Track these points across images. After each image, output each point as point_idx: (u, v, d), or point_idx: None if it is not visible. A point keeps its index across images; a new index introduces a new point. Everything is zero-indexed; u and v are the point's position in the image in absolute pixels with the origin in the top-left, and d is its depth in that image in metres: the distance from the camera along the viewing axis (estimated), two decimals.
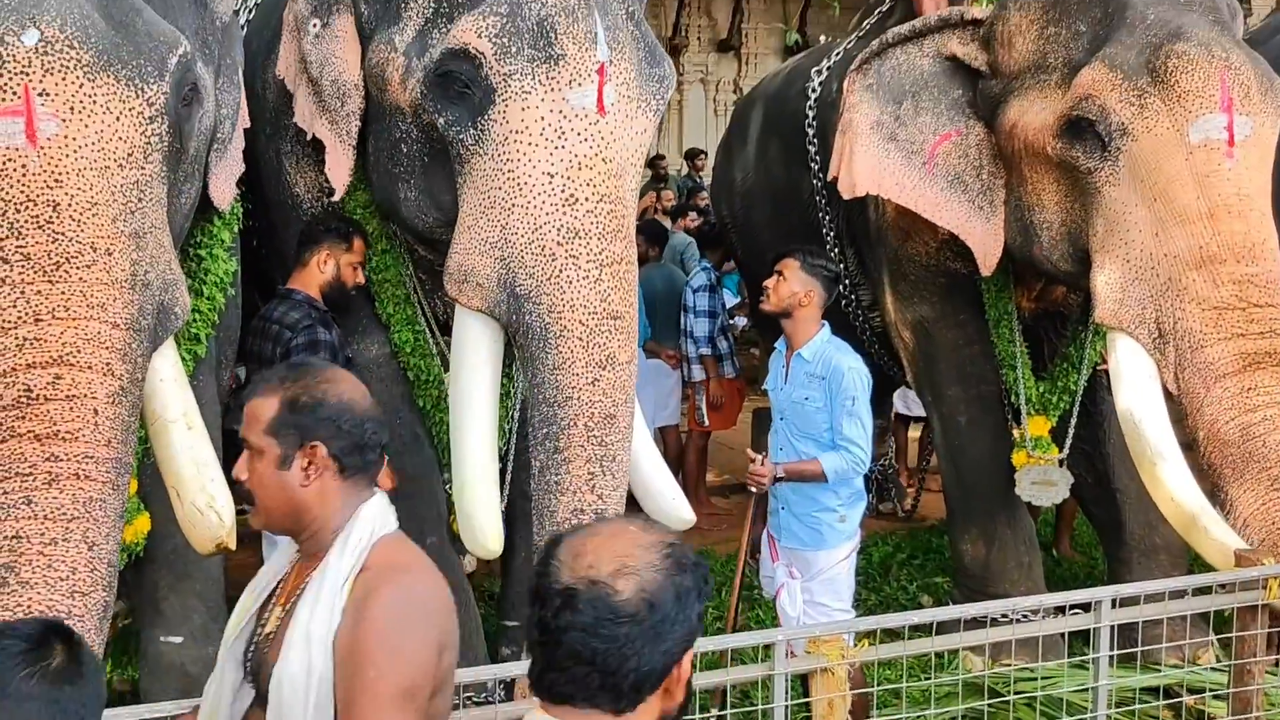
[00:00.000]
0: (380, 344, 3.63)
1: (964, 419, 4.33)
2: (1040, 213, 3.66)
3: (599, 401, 2.80)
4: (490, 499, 2.92)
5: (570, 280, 2.81)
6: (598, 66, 2.85)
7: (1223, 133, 3.22)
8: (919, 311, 4.35)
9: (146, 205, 2.45)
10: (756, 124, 5.63)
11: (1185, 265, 3.21)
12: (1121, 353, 3.34)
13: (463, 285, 2.94)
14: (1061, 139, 3.48)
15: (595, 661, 1.25)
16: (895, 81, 3.88)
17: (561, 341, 2.80)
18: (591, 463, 2.79)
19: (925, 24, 3.93)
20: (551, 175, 2.83)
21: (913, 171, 3.83)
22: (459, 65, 2.88)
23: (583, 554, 1.29)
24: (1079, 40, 3.53)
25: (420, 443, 3.67)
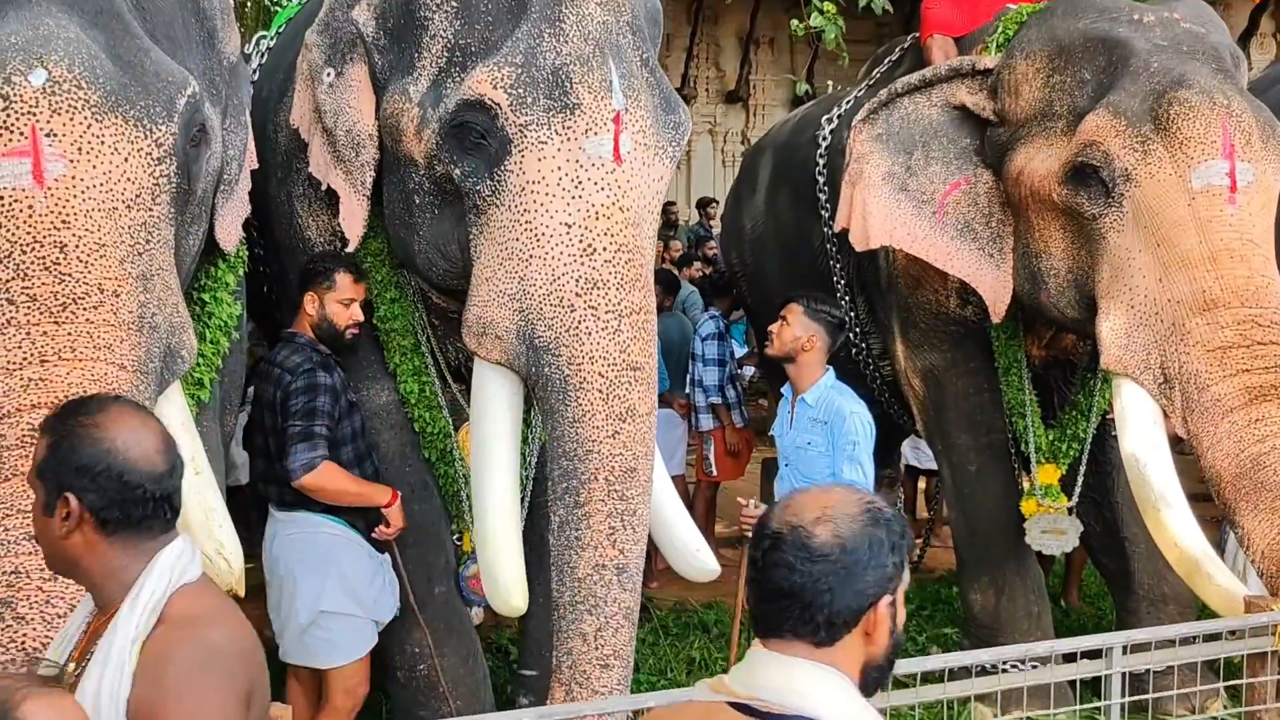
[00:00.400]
0: (389, 390, 3.61)
1: (974, 467, 4.31)
2: (1047, 259, 3.66)
3: (619, 455, 2.76)
4: (513, 554, 2.88)
5: (589, 331, 2.78)
6: (614, 115, 2.83)
7: (1225, 179, 3.24)
8: (929, 359, 4.34)
9: (154, 247, 2.44)
10: (766, 172, 5.66)
11: (1189, 310, 3.21)
12: (1126, 398, 3.33)
13: (481, 338, 2.92)
14: (1066, 185, 3.49)
15: (795, 595, 1.41)
16: (905, 131, 3.90)
17: (581, 394, 2.77)
18: (612, 517, 2.75)
19: (935, 73, 3.95)
20: (569, 225, 2.80)
21: (923, 221, 3.84)
22: (474, 116, 2.86)
23: (792, 505, 1.47)
24: (1084, 88, 3.55)
25: (429, 490, 3.65)
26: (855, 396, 3.75)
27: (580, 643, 2.72)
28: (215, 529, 2.61)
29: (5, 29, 2.32)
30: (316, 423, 3.33)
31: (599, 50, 2.87)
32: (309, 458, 3.31)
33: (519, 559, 2.88)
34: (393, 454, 3.60)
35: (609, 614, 2.73)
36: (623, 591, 2.75)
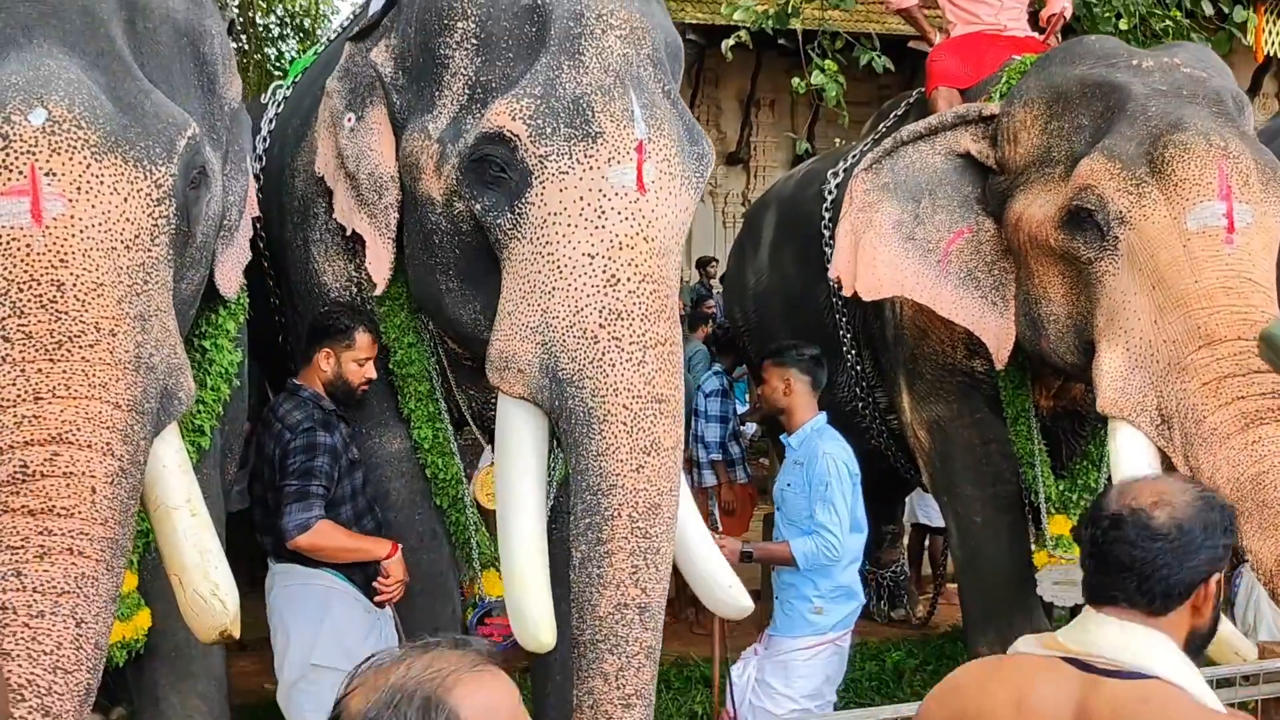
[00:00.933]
0: (401, 438, 3.58)
1: (980, 519, 4.26)
2: (1047, 305, 3.64)
3: (643, 490, 2.70)
4: (541, 590, 2.82)
5: (613, 363, 2.73)
6: (636, 144, 2.80)
7: (1221, 219, 3.22)
8: (935, 411, 4.31)
9: (153, 287, 2.43)
10: (770, 227, 5.67)
11: (1185, 348, 3.17)
12: (1120, 440, 3.30)
13: (504, 372, 2.87)
14: (1063, 230, 3.49)
15: (1134, 569, 1.61)
16: (911, 179, 3.90)
17: (605, 427, 2.71)
18: (635, 555, 2.69)
19: (940, 121, 3.96)
20: (592, 256, 2.76)
21: (929, 269, 3.84)
22: (494, 149, 2.84)
23: (1128, 491, 1.67)
24: (1081, 134, 3.56)
25: (438, 540, 3.61)
26: (837, 438, 3.76)
27: (601, 682, 2.67)
28: (211, 570, 2.57)
29: (6, 69, 2.33)
30: (313, 483, 3.31)
31: (620, 81, 2.85)
32: (303, 518, 3.29)
33: (546, 596, 2.83)
34: (403, 502, 3.57)
35: (631, 653, 2.68)
36: (645, 631, 2.69)
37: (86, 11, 2.47)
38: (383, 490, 3.55)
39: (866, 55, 6.98)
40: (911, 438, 4.47)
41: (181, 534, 2.56)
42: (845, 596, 3.75)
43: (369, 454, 3.57)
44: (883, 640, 5.67)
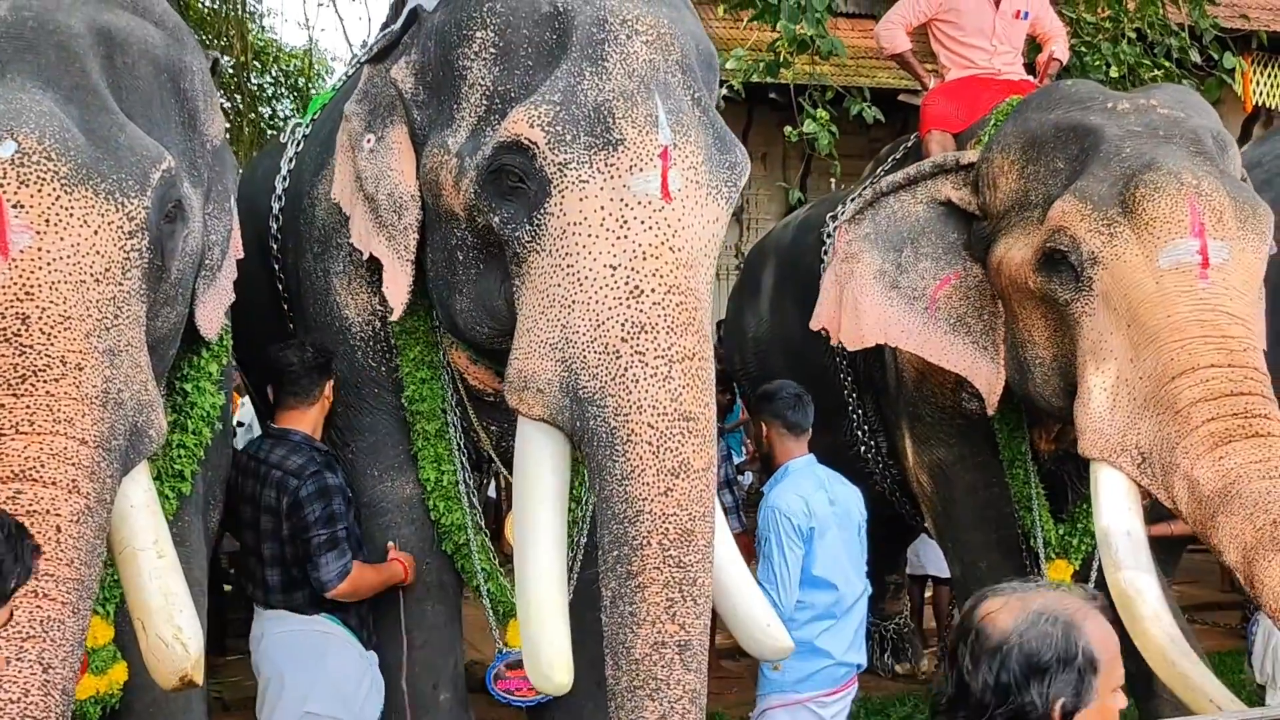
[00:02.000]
0: (415, 483, 3.47)
1: (985, 564, 4.17)
2: (1032, 349, 3.62)
3: (673, 515, 2.52)
4: (558, 626, 2.65)
5: (637, 379, 2.57)
6: (660, 151, 2.67)
7: (1195, 256, 3.18)
8: (936, 454, 4.25)
9: (123, 322, 2.37)
10: (770, 276, 5.66)
11: (1159, 382, 3.14)
12: (1101, 481, 3.26)
13: (523, 392, 2.73)
14: (1040, 272, 3.47)
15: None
16: (893, 229, 3.89)
17: (630, 447, 2.55)
18: (670, 588, 2.49)
19: (919, 171, 3.97)
20: (614, 267, 2.63)
21: (916, 317, 3.82)
22: (512, 158, 2.73)
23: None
24: (1057, 177, 3.55)
25: (446, 592, 3.52)
26: (794, 489, 3.62)
27: None
28: (175, 614, 2.48)
29: None
30: (339, 527, 3.26)
31: (644, 86, 2.73)
32: (340, 566, 3.23)
33: (564, 632, 2.65)
34: (412, 550, 3.46)
35: (672, 698, 2.47)
36: (686, 672, 2.49)
37: (62, 47, 2.46)
38: (391, 538, 3.45)
39: (857, 106, 7.02)
40: (914, 482, 4.41)
41: (147, 576, 2.47)
42: (806, 653, 3.52)
43: (380, 499, 3.47)
44: (887, 695, 5.53)
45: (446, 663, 3.48)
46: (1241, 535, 2.86)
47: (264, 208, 3.80)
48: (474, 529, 3.43)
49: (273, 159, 3.97)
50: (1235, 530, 2.88)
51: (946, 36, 4.92)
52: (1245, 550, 2.85)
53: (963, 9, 4.85)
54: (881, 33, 5.18)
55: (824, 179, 9.04)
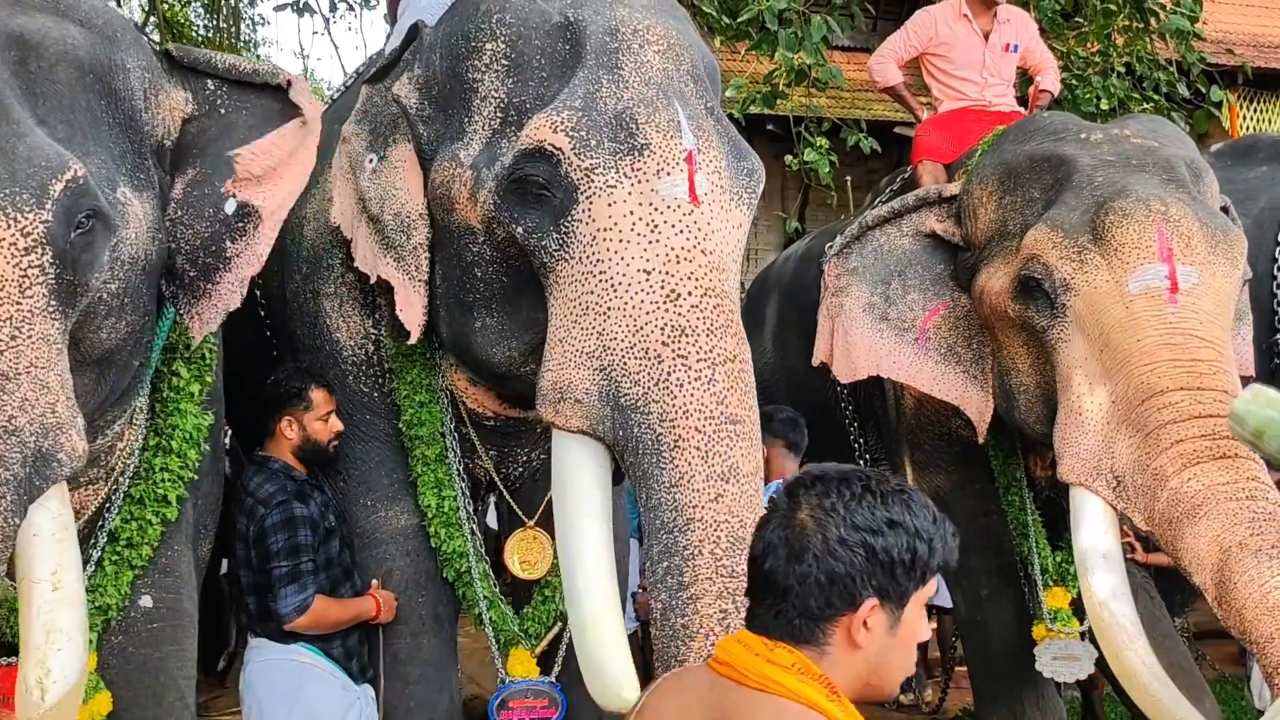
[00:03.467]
0: (410, 513, 3.40)
1: (986, 591, 4.19)
2: (1016, 376, 3.66)
3: (725, 521, 2.44)
4: (618, 638, 2.55)
5: (680, 383, 2.51)
6: (685, 154, 2.64)
7: (1164, 280, 3.23)
8: (935, 481, 4.27)
9: (23, 343, 2.23)
10: (772, 308, 5.71)
11: (1130, 406, 3.18)
12: (1079, 507, 3.29)
13: (559, 405, 2.64)
14: (1017, 300, 3.53)
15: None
16: (880, 262, 3.95)
17: (677, 454, 2.48)
18: (723, 598, 2.40)
19: (903, 204, 4.03)
20: (648, 272, 2.58)
21: (906, 348, 3.87)
22: (535, 167, 2.67)
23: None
24: (1033, 206, 3.61)
25: (441, 624, 3.45)
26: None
27: None
28: (52, 653, 2.29)
29: None
30: (302, 560, 3.23)
31: (662, 93, 2.71)
32: (300, 599, 3.20)
33: (625, 646, 2.56)
34: (406, 583, 3.41)
35: None
36: None
37: None
38: (385, 570, 3.39)
39: (854, 137, 7.08)
40: None
41: (35, 611, 2.31)
42: None
43: (373, 529, 3.41)
44: None
45: (442, 698, 3.43)
46: (1209, 557, 2.89)
47: None
48: (476, 556, 3.38)
49: None
50: (1202, 552, 2.91)
51: (938, 69, 5.00)
52: (1213, 572, 2.88)
53: (953, 43, 4.93)
54: (874, 66, 5.25)
55: (822, 210, 9.10)
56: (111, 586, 2.81)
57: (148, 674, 2.93)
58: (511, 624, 3.38)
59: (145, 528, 2.84)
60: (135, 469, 2.87)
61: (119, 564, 2.83)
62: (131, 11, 12.05)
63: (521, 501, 3.53)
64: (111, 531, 2.83)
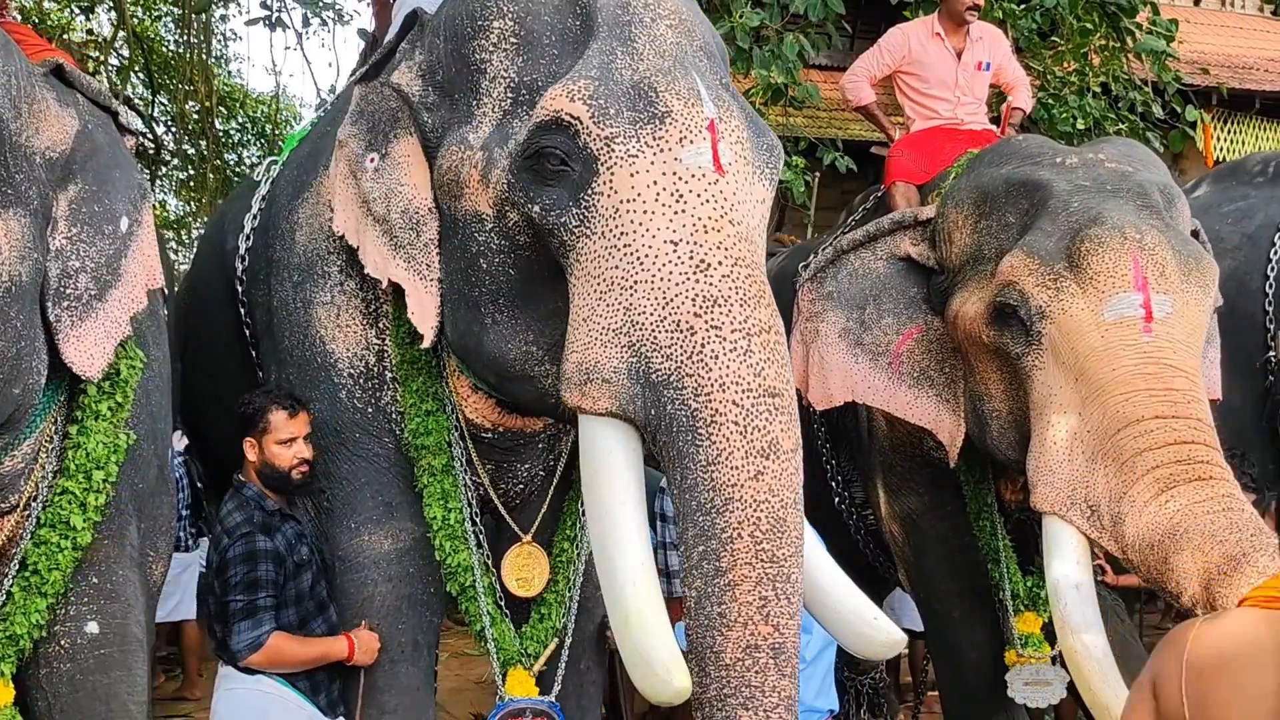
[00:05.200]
0: (395, 537, 3.26)
1: (957, 614, 4.17)
2: (989, 402, 3.64)
3: (765, 501, 2.32)
4: (664, 626, 2.40)
5: (715, 355, 2.38)
6: (707, 123, 2.52)
7: (1139, 310, 3.22)
8: (908, 504, 4.25)
9: None
10: None
11: (1105, 434, 3.17)
12: (1052, 536, 3.28)
13: (585, 386, 2.50)
14: (992, 326, 3.51)
15: None
16: (855, 287, 3.93)
17: (714, 429, 2.35)
18: (763, 585, 2.29)
19: (878, 228, 4.00)
20: (675, 243, 2.45)
21: (881, 373, 3.85)
22: (552, 139, 2.54)
23: None
24: (1009, 231, 3.59)
25: (420, 652, 3.34)
26: None
27: None
28: None
29: None
30: (259, 595, 3.12)
31: (679, 64, 2.60)
32: (253, 636, 3.11)
33: (671, 634, 2.41)
34: (387, 609, 3.28)
35: (768, 706, 2.27)
36: (781, 678, 2.29)
37: None
38: (366, 595, 3.25)
39: (830, 155, 7.08)
40: (886, 532, 4.40)
41: None
42: None
43: (355, 553, 3.27)
44: None
45: None
46: (1195, 570, 2.87)
47: (232, 248, 3.62)
48: (481, 570, 3.26)
49: (244, 199, 3.81)
50: (1187, 567, 2.88)
51: (910, 88, 4.99)
52: (1202, 583, 2.85)
53: (926, 61, 4.92)
54: (846, 85, 5.24)
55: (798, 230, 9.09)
56: (20, 615, 2.73)
57: (97, 700, 2.87)
58: (513, 641, 3.30)
59: (54, 554, 2.75)
60: (45, 495, 2.81)
61: (29, 591, 2.74)
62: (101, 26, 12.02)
63: (516, 516, 3.43)
64: (23, 559, 2.76)
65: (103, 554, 2.90)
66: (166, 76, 12.02)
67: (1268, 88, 10.14)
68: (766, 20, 6.47)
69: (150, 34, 11.82)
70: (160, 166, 13.76)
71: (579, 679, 3.53)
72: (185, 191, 14.66)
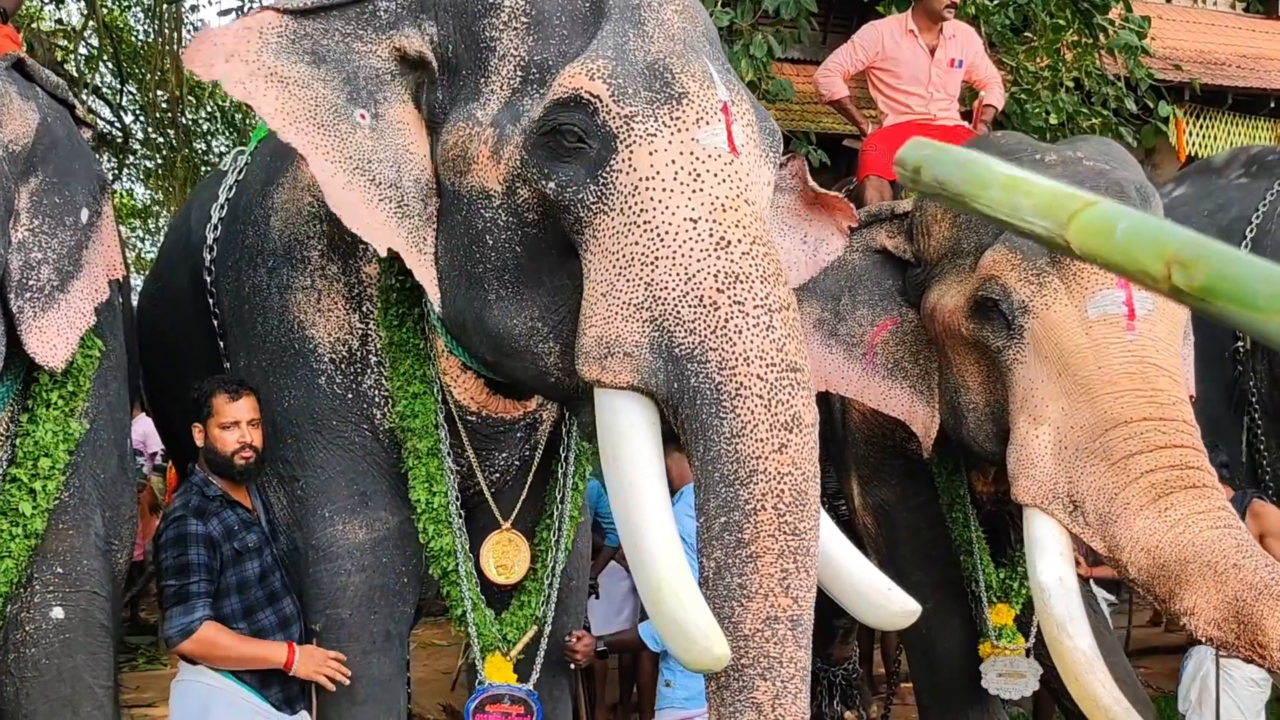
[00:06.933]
0: (369, 526, 3.25)
1: (930, 605, 4.11)
2: (966, 394, 3.66)
3: (788, 474, 2.34)
4: (696, 594, 2.37)
5: (739, 329, 2.41)
6: (721, 105, 2.57)
7: (1121, 307, 3.25)
8: (880, 495, 4.27)
9: None
10: None
11: (1092, 433, 3.18)
12: (1035, 530, 3.29)
13: (606, 360, 2.51)
14: (972, 320, 3.52)
15: None
16: (830, 278, 3.93)
17: (739, 402, 2.37)
18: (784, 557, 2.31)
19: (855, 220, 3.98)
20: (694, 220, 2.49)
21: (855, 364, 3.86)
22: (570, 116, 2.56)
23: None
24: (988, 225, 3.57)
25: (391, 643, 3.32)
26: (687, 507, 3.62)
27: (754, 715, 2.30)
28: None
29: None
30: (191, 580, 3.07)
31: (690, 47, 2.65)
32: (184, 622, 3.05)
33: (703, 602, 2.38)
34: (359, 600, 3.26)
35: (785, 676, 2.31)
36: (798, 649, 2.33)
37: None
38: (339, 585, 3.23)
39: (802, 149, 7.08)
40: (859, 524, 4.41)
41: None
42: None
43: (329, 542, 3.24)
44: None
45: (390, 718, 3.33)
46: (1220, 609, 2.86)
47: (199, 239, 3.59)
48: (463, 555, 3.27)
49: (212, 188, 3.78)
50: (1209, 602, 2.88)
51: (883, 84, 5.01)
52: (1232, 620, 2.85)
53: (899, 57, 4.94)
54: (820, 79, 5.25)
55: None
56: None
57: (63, 683, 2.89)
58: (493, 628, 3.31)
59: (5, 541, 2.75)
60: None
61: None
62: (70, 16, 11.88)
63: (498, 503, 3.43)
64: None
65: (68, 544, 2.89)
66: (136, 66, 11.91)
67: (1239, 84, 10.22)
68: (736, 19, 6.46)
69: (119, 24, 11.69)
70: (129, 155, 13.64)
71: (551, 670, 3.55)
72: (154, 180, 14.52)
